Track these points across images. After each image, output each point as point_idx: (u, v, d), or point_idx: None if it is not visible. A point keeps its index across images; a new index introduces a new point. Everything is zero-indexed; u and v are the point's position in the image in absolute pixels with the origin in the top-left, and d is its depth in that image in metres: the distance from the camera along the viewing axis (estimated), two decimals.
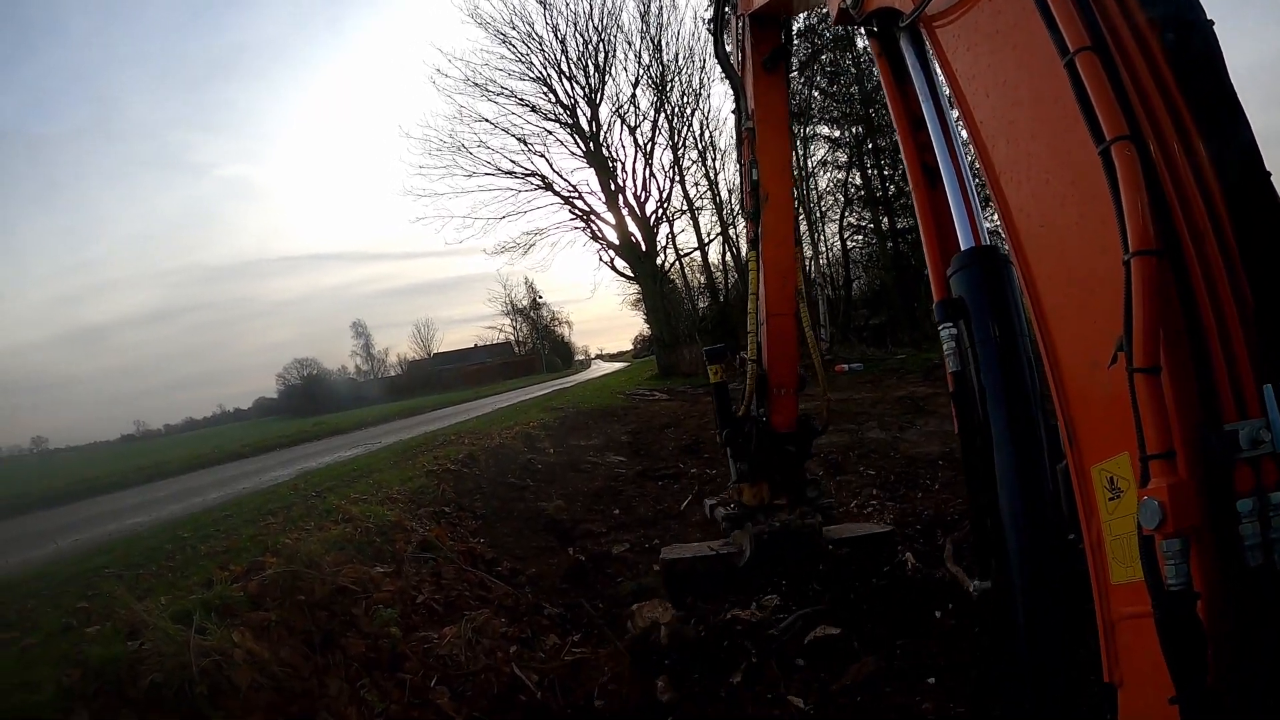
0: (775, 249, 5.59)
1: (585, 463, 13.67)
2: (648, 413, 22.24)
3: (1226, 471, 1.58)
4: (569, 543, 8.69)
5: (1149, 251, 1.60)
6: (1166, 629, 1.57)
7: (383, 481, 10.77)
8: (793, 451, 6.11)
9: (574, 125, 38.06)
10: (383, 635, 5.36)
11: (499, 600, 6.51)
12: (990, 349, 2.53)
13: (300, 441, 30.95)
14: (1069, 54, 1.79)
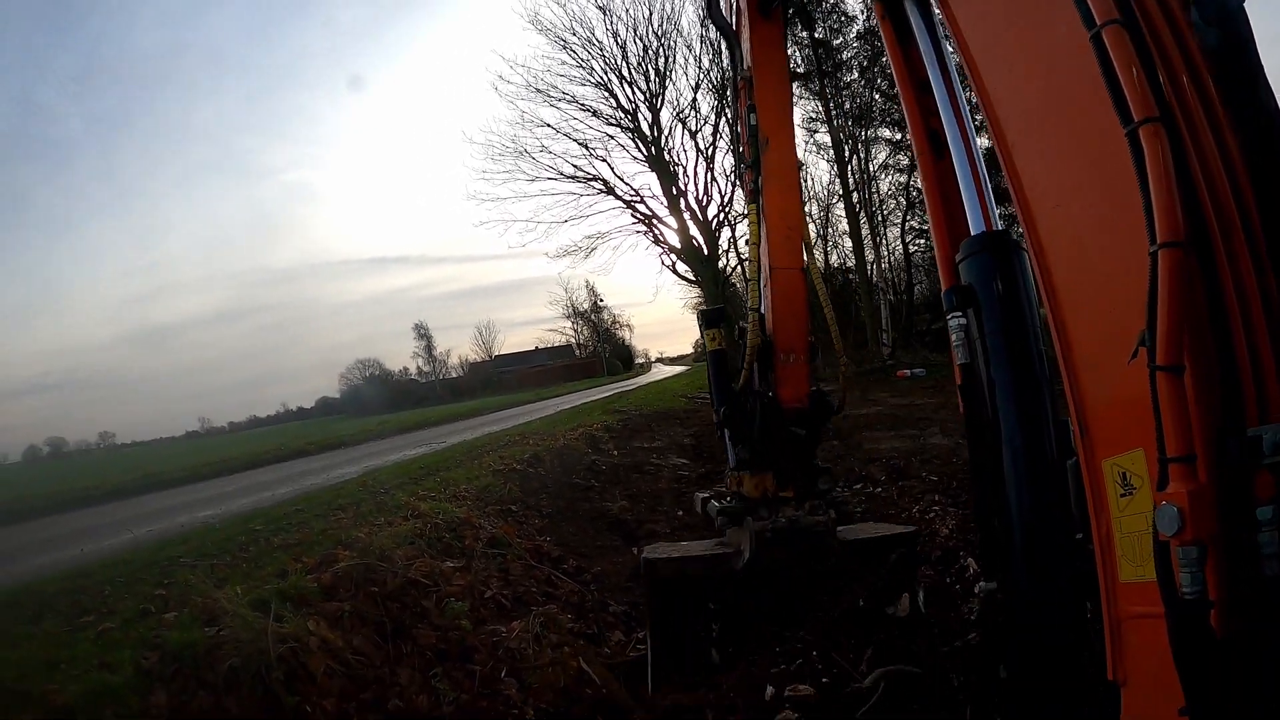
0: (780, 196, 4.91)
1: (648, 465, 13.66)
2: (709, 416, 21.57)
3: (1247, 478, 1.53)
4: (633, 542, 8.70)
5: (1177, 243, 1.52)
6: (1179, 637, 1.54)
7: (450, 480, 10.85)
8: (803, 434, 5.01)
9: (635, 130, 38.16)
10: (453, 627, 5.41)
11: (565, 597, 6.56)
12: (1000, 341, 2.48)
13: (364, 440, 31.23)
14: (1096, 26, 1.70)
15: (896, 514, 8.90)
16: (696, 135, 38.92)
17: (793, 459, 5.01)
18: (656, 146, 38.18)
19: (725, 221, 40.21)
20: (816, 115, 38.98)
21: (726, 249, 41.11)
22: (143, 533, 10.65)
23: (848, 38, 38.36)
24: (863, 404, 20.57)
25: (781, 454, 5.00)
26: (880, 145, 39.21)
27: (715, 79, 38.11)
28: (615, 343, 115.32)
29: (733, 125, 35.60)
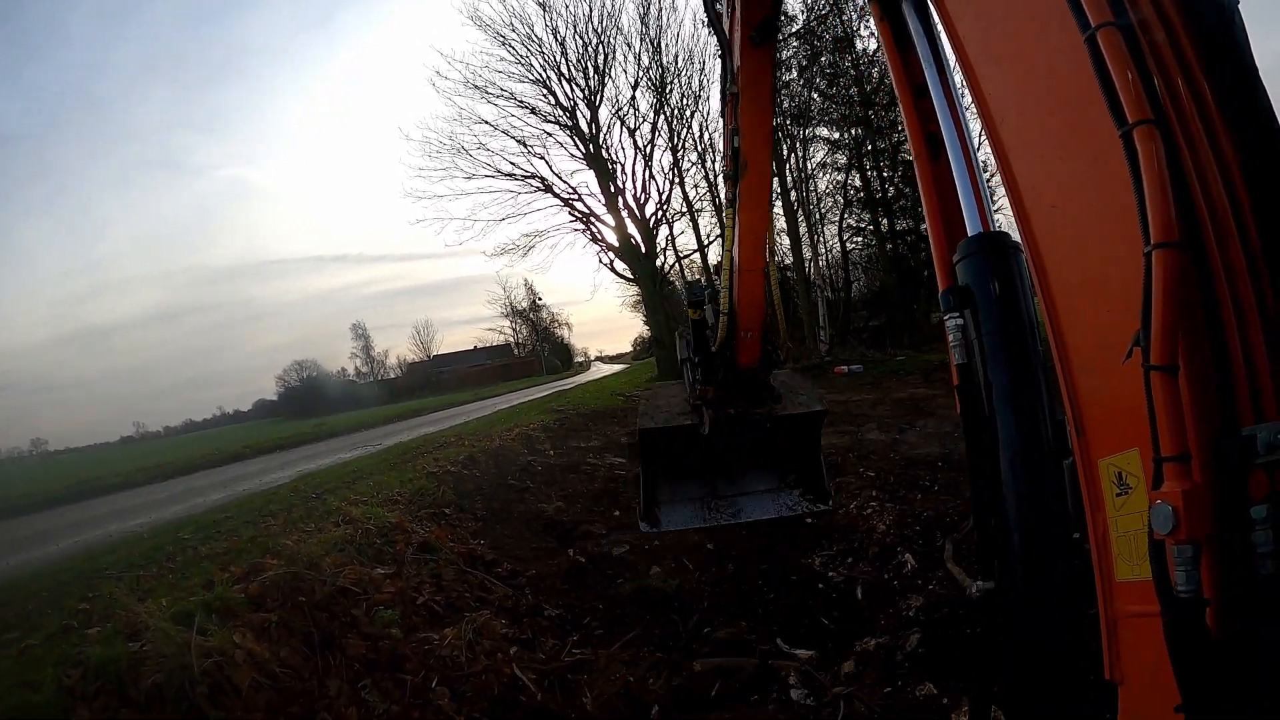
0: (751, 212, 5.75)
1: (585, 464, 13.65)
2: None
3: (1241, 477, 1.54)
4: (569, 544, 8.71)
5: (1171, 244, 1.54)
6: (1175, 635, 1.55)
7: (383, 483, 10.77)
8: (753, 380, 6.75)
9: (573, 127, 37.91)
10: (383, 636, 5.38)
11: (499, 601, 6.55)
12: (997, 341, 2.44)
13: (300, 443, 30.87)
14: (1091, 29, 1.71)
15: (833, 510, 9.04)
16: (635, 133, 38.91)
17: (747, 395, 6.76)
18: (594, 144, 38.06)
19: (663, 219, 40.34)
20: None
21: (664, 247, 41.26)
22: (70, 543, 10.46)
23: (786, 37, 38.71)
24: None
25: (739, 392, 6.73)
26: (818, 144, 39.56)
27: (655, 76, 38.19)
28: (554, 341, 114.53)
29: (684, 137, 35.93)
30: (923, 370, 23.69)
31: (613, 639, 6.04)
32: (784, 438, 7.02)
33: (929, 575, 6.59)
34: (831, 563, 7.49)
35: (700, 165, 40.65)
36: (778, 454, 7.13)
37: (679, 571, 7.62)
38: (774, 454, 7.14)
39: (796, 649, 5.67)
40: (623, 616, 6.50)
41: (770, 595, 6.83)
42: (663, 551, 8.25)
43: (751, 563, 7.67)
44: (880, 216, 38.45)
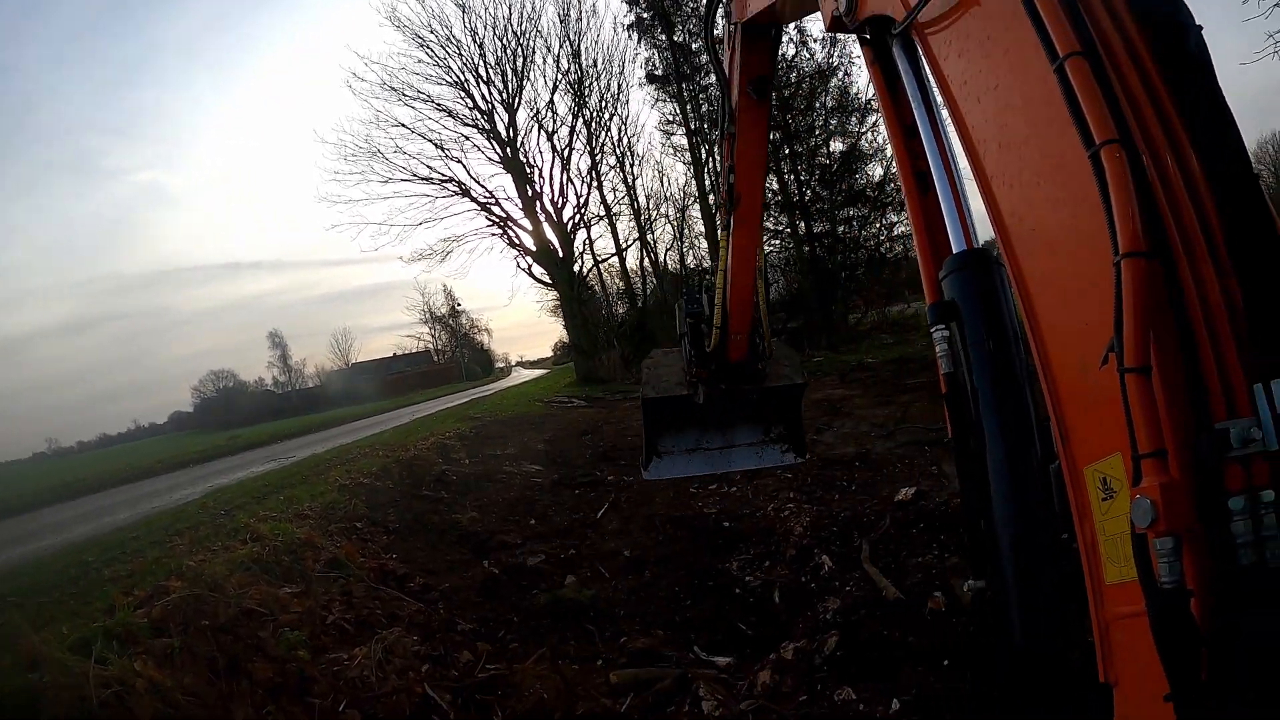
0: (743, 239, 6.22)
1: (501, 473, 13.62)
2: (565, 420, 22.18)
3: (1217, 470, 1.59)
4: (484, 555, 8.66)
5: (1139, 253, 1.61)
6: (1160, 627, 1.58)
7: (294, 497, 10.63)
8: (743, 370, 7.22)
9: (491, 131, 37.71)
10: (290, 659, 5.29)
11: (411, 617, 6.46)
12: (982, 351, 2.52)
13: (215, 457, 30.22)
14: (1059, 59, 1.81)
15: (751, 513, 9.21)
16: (553, 136, 38.89)
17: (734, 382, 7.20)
18: (512, 148, 37.90)
19: (581, 223, 40.38)
20: (674, 118, 39.52)
21: (582, 251, 41.30)
22: None
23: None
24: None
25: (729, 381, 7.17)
26: None
27: (573, 79, 38.22)
28: (474, 347, 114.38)
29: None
30: (840, 371, 23.97)
31: (528, 653, 6.00)
32: (769, 404, 7.58)
33: (846, 577, 6.68)
34: (749, 566, 7.57)
35: (619, 169, 40.79)
36: (763, 415, 7.71)
37: (595, 580, 7.64)
38: (760, 415, 7.72)
39: (715, 656, 5.72)
40: (538, 629, 6.47)
41: (688, 602, 6.86)
42: (579, 560, 8.28)
43: (669, 569, 7.70)
44: (798, 219, 38.90)
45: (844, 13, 2.89)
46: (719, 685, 5.11)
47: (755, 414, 7.74)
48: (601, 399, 28.20)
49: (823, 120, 38.70)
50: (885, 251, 38.45)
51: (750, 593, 6.91)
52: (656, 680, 5.27)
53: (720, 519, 9.24)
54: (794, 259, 39.53)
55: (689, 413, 7.50)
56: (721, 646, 5.91)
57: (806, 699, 4.78)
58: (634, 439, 16.57)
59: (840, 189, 38.41)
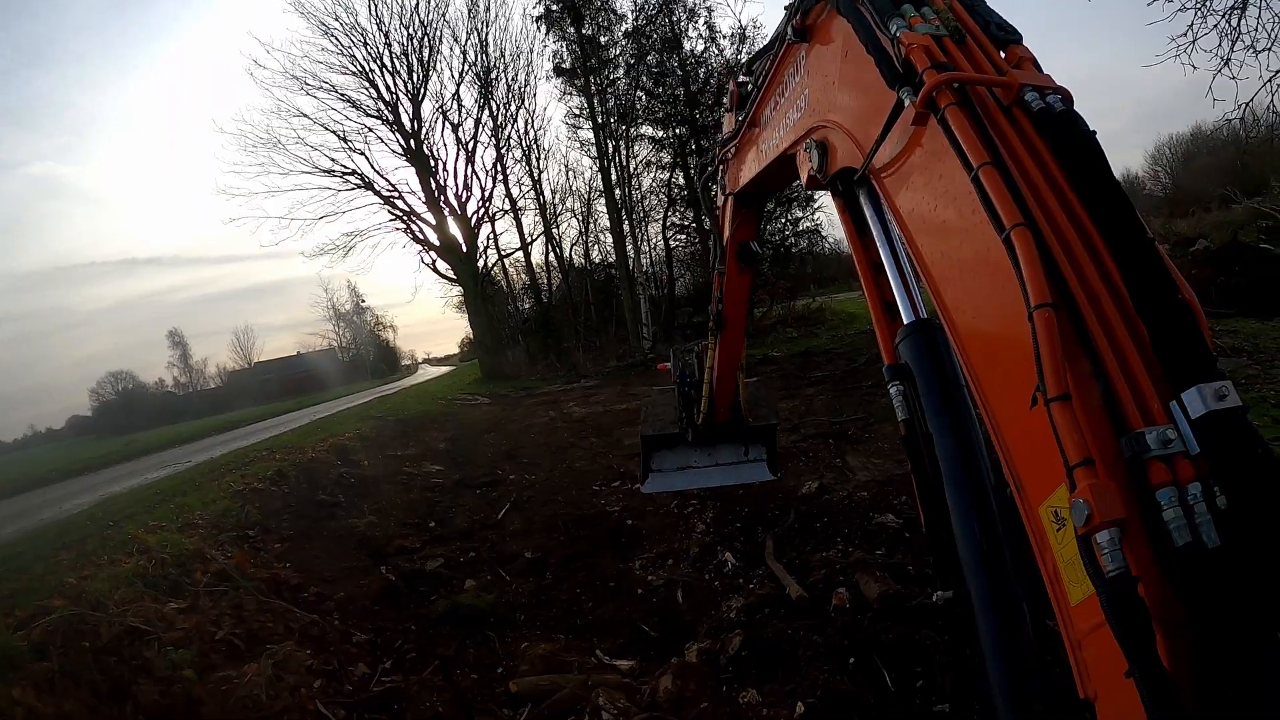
0: (728, 346, 7.29)
1: (401, 474, 13.45)
2: (468, 418, 22.06)
3: (1142, 469, 1.79)
4: (382, 561, 8.52)
5: (1046, 304, 1.89)
6: (1113, 611, 1.69)
7: (185, 506, 10.34)
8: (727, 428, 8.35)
9: (395, 122, 37.23)
10: (176, 679, 5.13)
11: (304, 630, 6.29)
12: (933, 400, 2.87)
13: (112, 463, 29.27)
14: (974, 170, 2.16)
15: (655, 510, 9.25)
16: (458, 129, 38.56)
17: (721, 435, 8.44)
18: (416, 140, 37.43)
19: (485, 218, 40.09)
20: (581, 111, 39.44)
21: (487, 246, 41.03)
22: None
23: (615, 35, 39.01)
24: (623, 398, 21.21)
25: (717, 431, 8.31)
26: (643, 143, 40.13)
27: (480, 71, 37.90)
28: (379, 345, 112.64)
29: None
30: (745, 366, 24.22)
31: (426, 663, 5.90)
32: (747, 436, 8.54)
33: (750, 574, 6.74)
34: (652, 565, 7.58)
35: (525, 162, 40.58)
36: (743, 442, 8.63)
37: (496, 584, 7.56)
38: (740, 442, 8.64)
39: (618, 660, 5.69)
40: (437, 637, 6.37)
41: (590, 604, 6.83)
42: (479, 563, 8.20)
43: (571, 570, 7.70)
44: (704, 214, 39.26)
45: (817, 170, 3.37)
46: (620, 692, 5.07)
47: (736, 440, 8.66)
48: (506, 396, 28.05)
49: None
50: (791, 246, 39.01)
51: (653, 593, 6.89)
52: (557, 689, 5.20)
53: (624, 517, 9.27)
54: (699, 253, 39.88)
55: (679, 442, 8.64)
56: (624, 650, 5.89)
57: (709, 705, 4.77)
58: (536, 435, 16.63)
59: None
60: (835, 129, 3.26)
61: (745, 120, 4.82)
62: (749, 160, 5.09)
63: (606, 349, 36.29)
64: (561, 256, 42.87)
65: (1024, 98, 2.31)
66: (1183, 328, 1.94)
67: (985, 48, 2.51)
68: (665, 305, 39.75)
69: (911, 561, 6.15)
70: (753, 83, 4.63)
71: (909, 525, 6.94)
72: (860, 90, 2.99)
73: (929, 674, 4.65)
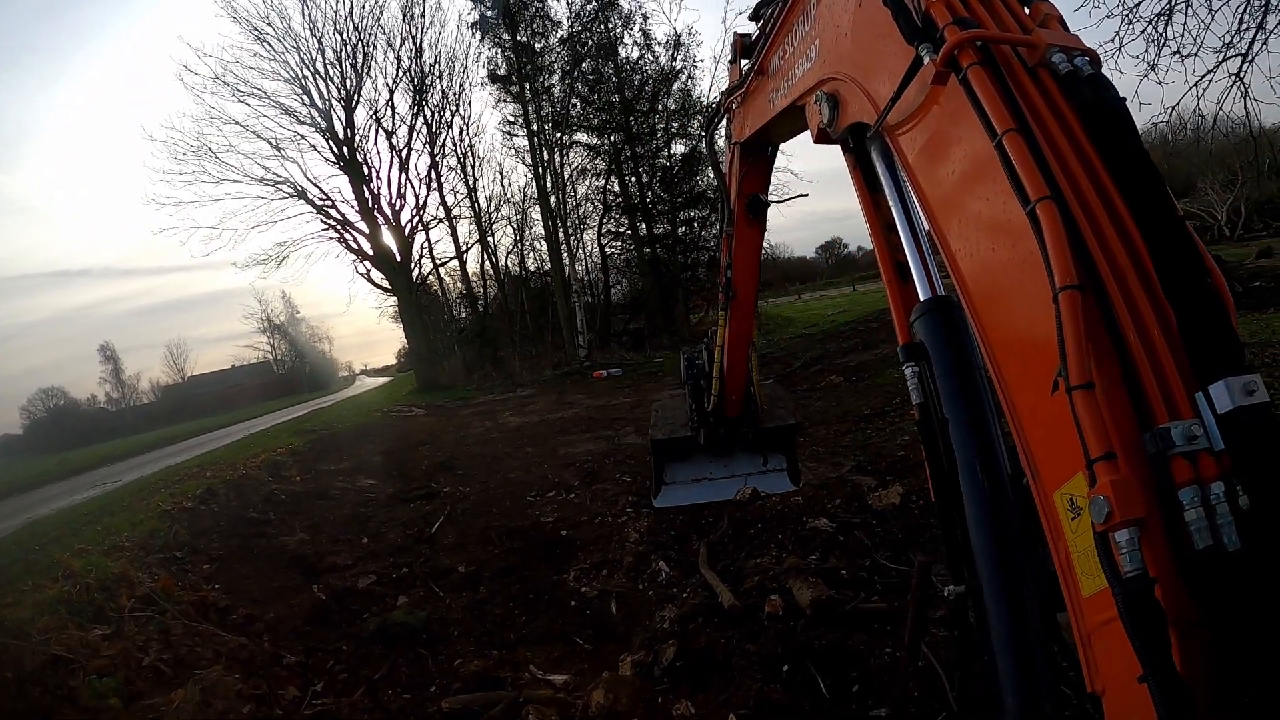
0: (739, 323, 7.12)
1: (334, 489, 13.29)
2: (403, 430, 21.91)
3: (1165, 465, 1.74)
4: (313, 579, 8.42)
5: (1072, 286, 1.79)
6: (1129, 612, 1.65)
7: (113, 527, 10.17)
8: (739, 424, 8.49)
9: (329, 130, 36.94)
10: (102, 708, 5.07)
11: (233, 653, 6.18)
12: (950, 383, 2.74)
13: (42, 483, 28.48)
14: (997, 136, 2.05)
15: (589, 520, 9.22)
16: (392, 136, 38.35)
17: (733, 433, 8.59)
18: (350, 148, 37.16)
19: (420, 226, 39.88)
20: (516, 119, 39.46)
21: (422, 255, 40.79)
22: None
23: (551, 42, 39.10)
24: (559, 407, 21.09)
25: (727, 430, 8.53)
26: (578, 150, 40.24)
27: (415, 77, 37.68)
28: (315, 356, 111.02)
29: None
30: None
31: (358, 683, 5.84)
32: (765, 440, 8.68)
33: (685, 582, 6.69)
34: (586, 576, 7.53)
35: (460, 170, 40.43)
36: (760, 449, 8.78)
37: (429, 600, 7.50)
38: (757, 449, 8.78)
39: (552, 674, 5.65)
40: (369, 656, 6.29)
41: (523, 618, 6.77)
42: (413, 579, 8.14)
43: (505, 583, 7.63)
44: (639, 221, 39.48)
45: (827, 124, 3.25)
46: (552, 708, 5.04)
47: (753, 447, 8.76)
48: (442, 406, 27.92)
49: (664, 123, 39.39)
50: None
51: (587, 604, 6.86)
52: (490, 706, 5.16)
53: (559, 527, 9.23)
54: (635, 260, 40.08)
55: (693, 448, 8.76)
56: (558, 663, 5.86)
57: (641, 719, 4.73)
58: (471, 446, 16.55)
59: (681, 191, 39.13)
60: (847, 82, 3.12)
61: (753, 68, 4.62)
62: (756, 110, 4.92)
63: (542, 357, 36.29)
64: (497, 265, 42.81)
65: (1050, 59, 2.20)
66: (1212, 315, 1.87)
67: (1009, 3, 2.39)
68: (601, 312, 39.88)
69: (845, 566, 6.13)
70: (760, 30, 4.43)
71: (843, 529, 6.93)
72: (875, 43, 2.83)
73: (865, 679, 4.59)
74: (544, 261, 40.27)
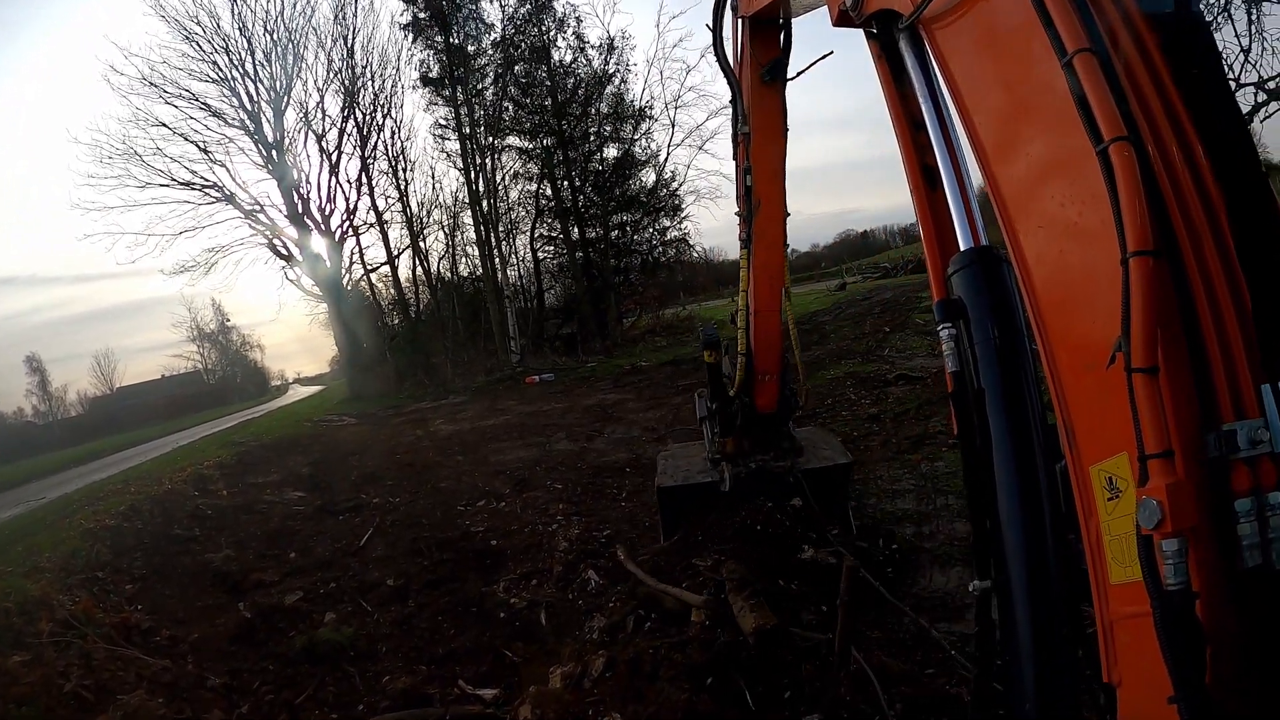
0: (766, 252, 5.90)
1: (261, 503, 13.11)
2: (333, 440, 21.64)
3: (1224, 471, 1.61)
4: (239, 596, 8.33)
5: (1147, 252, 1.59)
6: (1165, 628, 1.57)
7: (35, 547, 9.97)
8: (772, 421, 6.77)
9: (257, 132, 36.26)
10: None
11: (155, 677, 6.14)
12: (990, 349, 2.48)
13: None
14: (1067, 55, 1.79)
15: (519, 529, 9.22)
16: (323, 139, 37.74)
17: (765, 441, 6.84)
18: (279, 151, 36.55)
19: (350, 231, 39.44)
20: (448, 122, 39.21)
21: (352, 260, 40.35)
22: None
23: (484, 44, 38.95)
24: (491, 413, 20.98)
25: (755, 438, 6.81)
26: (510, 154, 40.13)
27: (346, 79, 37.23)
28: (247, 365, 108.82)
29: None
30: (613, 376, 24.58)
31: (284, 704, 5.80)
32: (809, 492, 6.81)
33: (613, 591, 6.68)
34: (515, 586, 7.51)
35: (391, 174, 40.04)
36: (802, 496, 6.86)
37: (356, 615, 7.46)
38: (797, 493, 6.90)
39: (480, 689, 5.60)
40: (295, 676, 6.24)
41: (452, 631, 6.75)
42: (340, 594, 8.08)
43: (433, 596, 7.61)
44: (571, 225, 39.53)
45: (851, 7, 2.91)
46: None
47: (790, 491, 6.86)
48: (373, 415, 27.61)
49: (597, 127, 39.52)
50: (658, 255, 39.64)
51: (517, 615, 6.83)
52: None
53: (488, 537, 9.22)
54: (567, 265, 40.14)
55: (713, 502, 6.90)
56: (487, 678, 5.82)
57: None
58: (402, 455, 16.41)
59: (614, 195, 39.29)
60: None
61: None
62: None
63: (475, 363, 36.02)
64: (429, 270, 42.48)
65: None
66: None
67: None
68: (533, 317, 39.83)
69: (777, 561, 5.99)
70: None
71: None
72: None
73: (796, 684, 4.50)
74: (476, 266, 40.09)
